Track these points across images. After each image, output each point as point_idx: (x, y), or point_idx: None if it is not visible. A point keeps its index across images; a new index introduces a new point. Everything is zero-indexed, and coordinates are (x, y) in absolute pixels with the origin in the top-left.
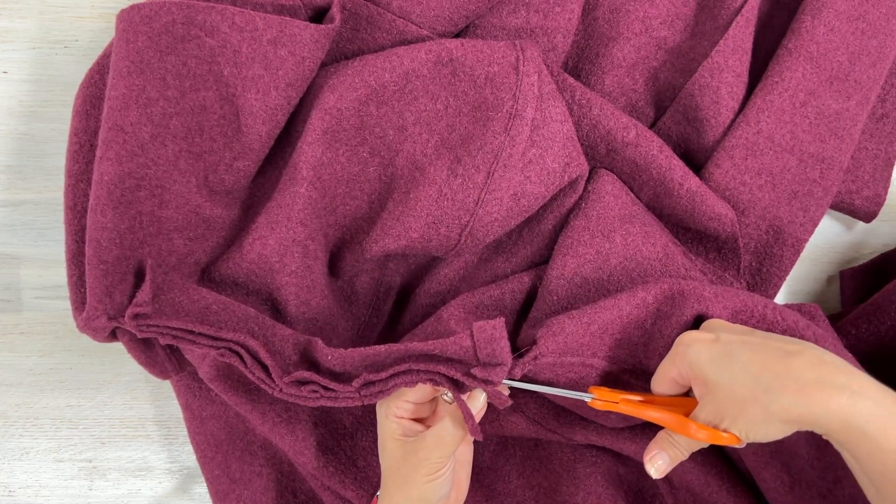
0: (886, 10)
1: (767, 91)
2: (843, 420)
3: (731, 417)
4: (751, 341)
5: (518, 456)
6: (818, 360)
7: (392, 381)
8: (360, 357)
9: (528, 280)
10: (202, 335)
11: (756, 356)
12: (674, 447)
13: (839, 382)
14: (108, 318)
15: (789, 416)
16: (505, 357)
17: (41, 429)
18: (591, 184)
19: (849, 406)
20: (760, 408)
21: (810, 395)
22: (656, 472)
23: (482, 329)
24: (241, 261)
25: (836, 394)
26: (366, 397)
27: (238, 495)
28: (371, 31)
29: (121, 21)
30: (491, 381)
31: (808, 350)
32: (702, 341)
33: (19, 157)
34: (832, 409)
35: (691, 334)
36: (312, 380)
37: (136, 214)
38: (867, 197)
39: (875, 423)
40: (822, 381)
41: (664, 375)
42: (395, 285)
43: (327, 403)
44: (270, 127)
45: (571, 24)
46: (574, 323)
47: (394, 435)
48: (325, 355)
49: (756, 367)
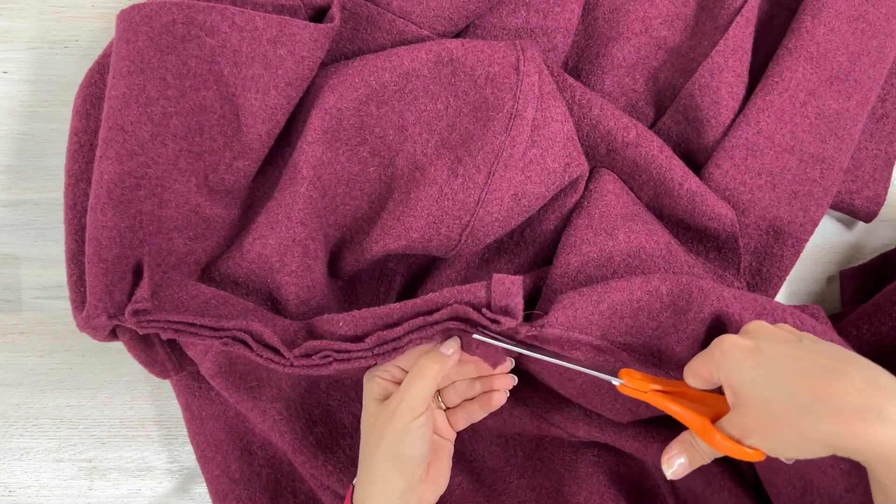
0: (886, 10)
1: (767, 91)
2: (881, 456)
3: (761, 435)
4: (794, 354)
5: (519, 456)
6: (867, 385)
7: (407, 336)
8: (374, 317)
9: (529, 282)
10: (204, 327)
11: (797, 373)
12: (695, 451)
13: (887, 414)
14: (109, 317)
15: (825, 441)
16: (517, 310)
17: (41, 429)
18: (592, 183)
19: (892, 441)
20: (794, 429)
21: (852, 425)
22: (672, 474)
23: (500, 281)
24: (241, 260)
25: (879, 427)
26: (379, 355)
27: (238, 495)
28: (371, 31)
29: (121, 21)
30: (498, 322)
31: (857, 371)
32: (741, 349)
33: (19, 157)
34: (872, 444)
35: (731, 339)
36: (323, 347)
37: (136, 213)
38: (867, 197)
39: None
40: (866, 411)
41: (697, 372)
42: (396, 285)
43: (341, 367)
44: (270, 126)
45: (571, 23)
46: (584, 299)
47: (374, 395)
48: (335, 323)
49: (795, 385)
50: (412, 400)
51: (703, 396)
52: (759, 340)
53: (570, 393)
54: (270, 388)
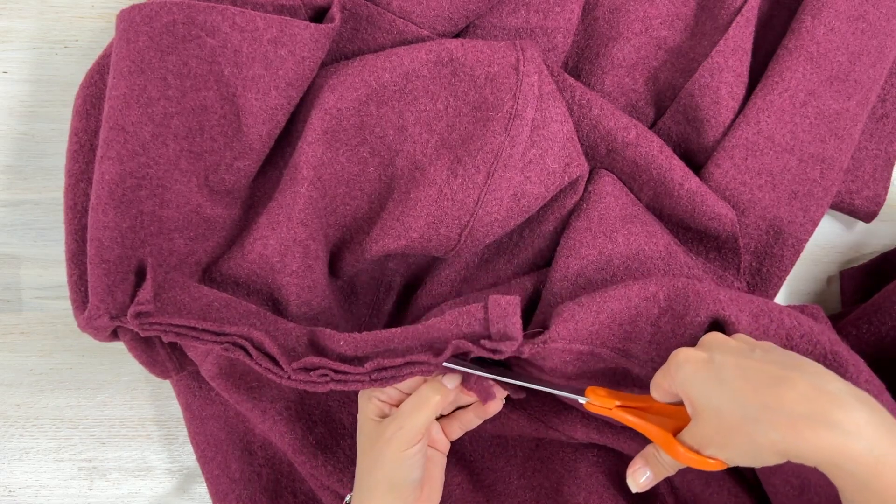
0: (886, 10)
1: (767, 91)
2: (831, 461)
3: (717, 446)
4: (745, 365)
5: (519, 457)
6: (814, 392)
7: (407, 368)
8: (374, 341)
9: (530, 285)
10: (205, 331)
11: (747, 384)
12: (659, 465)
13: (832, 420)
14: (111, 318)
15: (776, 450)
16: (516, 333)
17: (41, 429)
18: (591, 184)
19: (839, 447)
20: (747, 439)
21: (799, 432)
22: (637, 487)
23: (496, 303)
24: (242, 261)
25: (827, 433)
26: (376, 381)
27: (238, 495)
28: (371, 31)
29: (121, 21)
30: (499, 351)
31: (805, 378)
32: (693, 362)
33: (19, 157)
34: (822, 450)
35: (685, 352)
36: (322, 364)
37: (138, 214)
38: (867, 197)
39: (865, 467)
40: (813, 418)
41: (659, 385)
42: (396, 285)
43: (338, 387)
44: (271, 127)
45: (571, 24)
46: (584, 310)
47: (371, 415)
48: (335, 340)
49: (745, 395)
50: (411, 430)
51: (669, 410)
52: (712, 352)
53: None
54: (270, 389)
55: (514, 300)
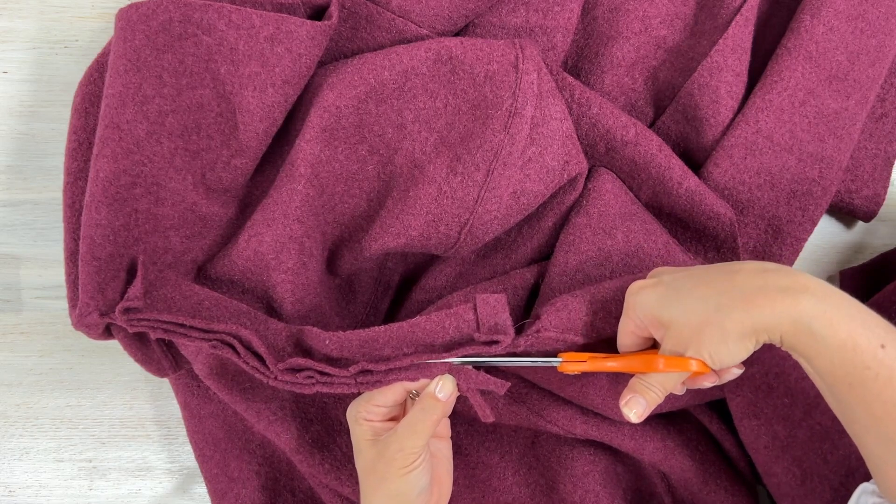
0: (886, 9)
1: (767, 90)
2: (790, 321)
3: (694, 345)
4: (693, 273)
5: (515, 453)
6: (759, 270)
7: (392, 374)
8: (359, 341)
9: (530, 276)
10: (194, 328)
11: (701, 283)
12: (648, 389)
13: (781, 285)
14: (100, 315)
15: (743, 328)
16: (507, 328)
17: (41, 429)
18: (590, 182)
19: (793, 306)
20: (717, 328)
21: (756, 304)
22: (635, 417)
23: (485, 301)
24: (236, 258)
25: (780, 296)
26: (362, 385)
27: (237, 494)
28: (370, 29)
29: (119, 19)
30: (496, 342)
31: (748, 265)
32: (648, 286)
33: (19, 157)
34: (778, 312)
35: (637, 283)
36: (308, 366)
37: (132, 212)
38: (867, 196)
39: (820, 319)
40: (765, 288)
41: (624, 330)
42: (394, 283)
43: (323, 389)
44: (267, 125)
45: (571, 23)
46: (576, 300)
47: (365, 437)
48: (321, 340)
49: (702, 290)
50: (412, 450)
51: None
52: (660, 276)
53: (570, 394)
54: (264, 389)
55: (502, 298)
